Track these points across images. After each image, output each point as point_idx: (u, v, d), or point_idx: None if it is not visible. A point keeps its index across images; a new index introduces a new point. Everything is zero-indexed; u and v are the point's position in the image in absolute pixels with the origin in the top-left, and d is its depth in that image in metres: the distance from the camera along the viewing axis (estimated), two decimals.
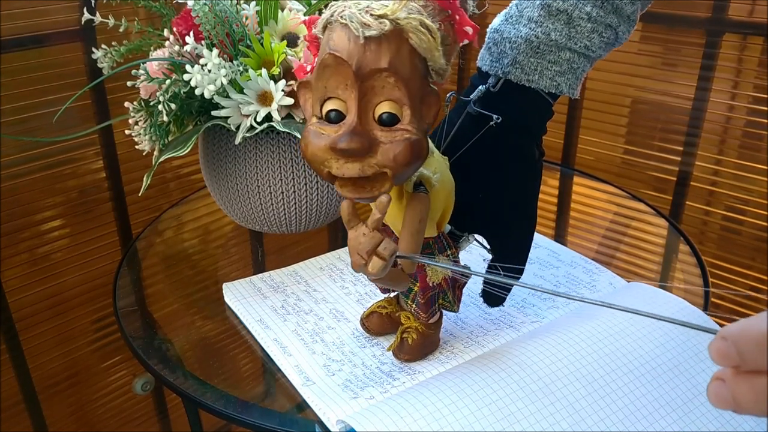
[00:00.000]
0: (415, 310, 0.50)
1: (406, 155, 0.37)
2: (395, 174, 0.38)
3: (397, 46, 0.36)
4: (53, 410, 0.96)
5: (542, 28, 0.46)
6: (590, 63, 0.48)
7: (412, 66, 0.37)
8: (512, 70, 0.47)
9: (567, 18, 0.46)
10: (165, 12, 0.68)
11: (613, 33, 0.47)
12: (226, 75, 0.57)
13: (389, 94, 0.37)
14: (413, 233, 0.41)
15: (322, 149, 0.38)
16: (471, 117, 0.49)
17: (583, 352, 0.46)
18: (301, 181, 0.64)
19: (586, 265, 0.66)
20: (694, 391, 0.45)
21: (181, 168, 0.99)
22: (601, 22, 0.46)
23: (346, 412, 0.46)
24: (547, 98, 0.48)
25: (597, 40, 0.46)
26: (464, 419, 0.41)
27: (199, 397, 0.51)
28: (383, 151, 0.37)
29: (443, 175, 0.45)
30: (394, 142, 0.37)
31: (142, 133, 0.64)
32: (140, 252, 0.75)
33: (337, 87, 0.38)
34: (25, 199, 0.84)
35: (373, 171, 0.38)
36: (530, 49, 0.46)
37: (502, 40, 0.48)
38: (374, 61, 0.36)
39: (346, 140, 0.37)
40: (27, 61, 0.80)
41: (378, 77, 0.36)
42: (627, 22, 0.47)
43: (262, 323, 0.58)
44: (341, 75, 0.37)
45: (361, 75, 0.36)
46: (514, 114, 0.47)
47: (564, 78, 0.47)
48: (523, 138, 0.49)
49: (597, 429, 0.42)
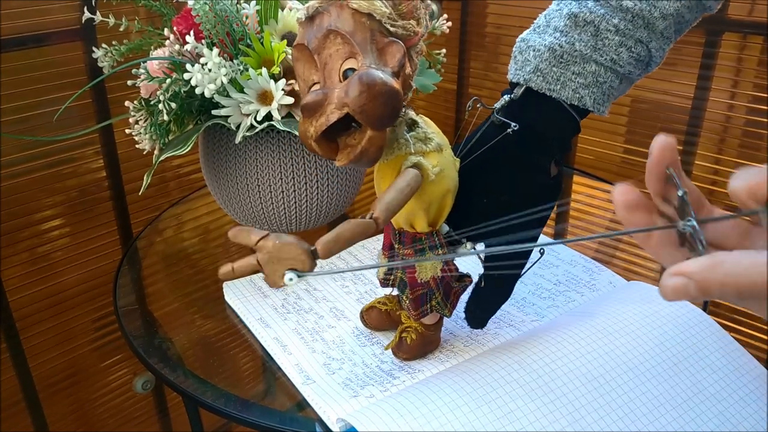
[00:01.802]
0: (407, 307, 0.50)
1: (356, 86, 0.38)
2: (355, 109, 0.38)
3: (337, 12, 0.40)
4: (54, 409, 0.96)
5: (567, 38, 0.45)
6: (619, 79, 0.46)
7: (356, 22, 0.40)
8: (533, 78, 0.46)
9: (594, 30, 0.45)
10: (165, 11, 0.69)
11: (644, 49, 0.46)
12: (227, 74, 0.57)
13: (343, 53, 0.40)
14: (395, 188, 0.41)
15: (301, 123, 0.41)
16: (494, 126, 0.48)
17: (583, 351, 0.46)
18: (301, 180, 0.64)
19: (586, 264, 0.66)
20: (693, 390, 0.45)
21: (181, 167, 0.99)
22: (630, 36, 0.45)
23: (346, 410, 0.46)
24: (571, 112, 0.46)
25: (625, 55, 0.45)
26: (464, 417, 0.41)
27: (200, 396, 0.51)
28: (338, 93, 0.40)
29: (444, 172, 0.45)
30: (346, 82, 0.39)
31: (142, 132, 0.64)
32: (140, 251, 0.76)
33: (310, 73, 0.41)
34: (26, 198, 0.84)
35: (337, 115, 0.39)
36: (553, 58, 0.45)
37: (527, 48, 0.47)
38: (319, 30, 0.40)
39: (306, 97, 0.40)
40: (27, 60, 0.80)
41: (328, 43, 0.40)
42: (660, 38, 0.46)
43: (263, 322, 0.58)
44: (307, 60, 0.41)
45: (315, 48, 0.40)
46: (532, 123, 0.46)
47: (588, 91, 0.45)
48: (537, 150, 0.47)
49: (596, 427, 0.42)
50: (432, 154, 0.44)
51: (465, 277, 0.50)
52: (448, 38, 1.11)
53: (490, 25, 1.09)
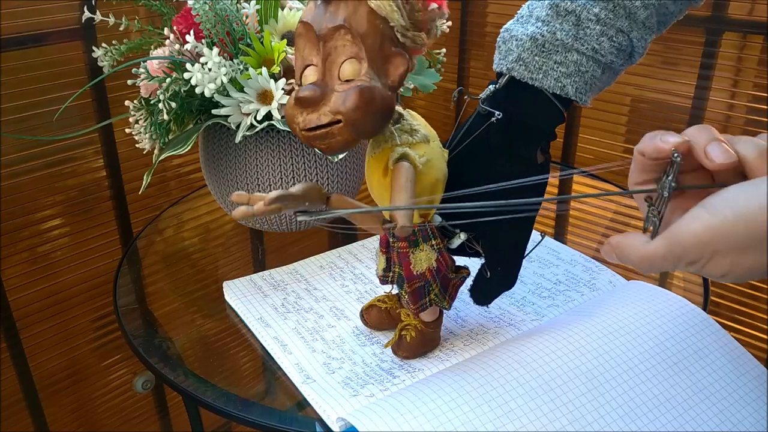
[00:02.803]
0: (406, 302, 0.50)
1: (354, 100, 0.39)
2: (348, 120, 0.39)
3: (354, 7, 0.39)
4: (54, 409, 0.96)
5: (548, 27, 0.46)
6: (602, 69, 0.47)
7: (370, 25, 0.40)
8: (516, 67, 0.47)
9: (575, 19, 0.45)
10: (165, 11, 0.69)
11: (626, 38, 0.46)
12: (227, 73, 0.57)
13: (349, 52, 0.40)
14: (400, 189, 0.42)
15: (291, 106, 0.41)
16: (480, 116, 0.49)
17: (583, 350, 0.46)
18: (301, 179, 0.64)
19: (586, 264, 0.66)
20: (693, 389, 0.45)
21: (181, 166, 0.99)
22: (611, 25, 0.45)
23: (346, 409, 0.46)
24: (554, 101, 0.47)
25: (607, 44, 0.45)
26: (464, 416, 0.41)
27: (200, 396, 0.51)
28: (335, 98, 0.40)
29: (432, 162, 0.45)
30: (346, 90, 0.40)
31: (142, 131, 0.64)
32: (140, 250, 0.76)
33: (310, 54, 0.41)
34: (26, 197, 0.84)
35: (328, 119, 0.40)
36: (535, 47, 0.46)
37: (510, 38, 0.47)
38: (332, 20, 0.40)
39: (302, 91, 0.40)
40: (27, 59, 0.80)
41: (337, 36, 0.40)
42: (642, 28, 0.46)
43: (263, 321, 0.58)
44: (311, 41, 0.41)
45: (323, 35, 0.40)
46: (516, 113, 0.47)
47: (570, 80, 0.46)
48: (522, 139, 0.48)
49: (596, 426, 0.42)
50: (418, 144, 0.45)
51: (462, 269, 0.50)
52: (448, 38, 1.11)
53: (490, 25, 1.09)
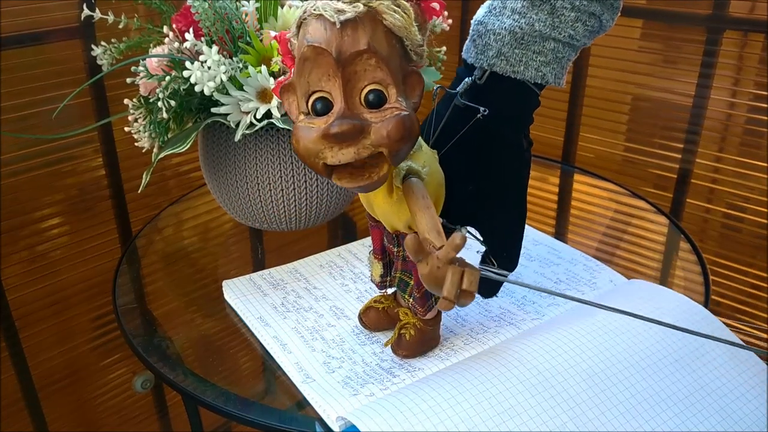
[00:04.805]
0: (413, 305, 0.50)
1: (398, 130, 0.37)
2: (391, 152, 0.38)
3: (372, 28, 0.37)
4: (53, 408, 0.96)
5: (526, 19, 0.46)
6: (575, 52, 0.48)
7: (389, 46, 0.38)
8: (497, 62, 0.47)
9: (550, 8, 0.46)
10: (164, 9, 0.68)
11: (597, 21, 0.47)
12: (226, 72, 0.57)
13: (372, 77, 0.38)
14: (422, 209, 0.41)
15: (314, 141, 0.38)
16: (458, 109, 0.49)
17: (584, 347, 0.46)
18: (301, 178, 0.64)
19: (586, 263, 0.66)
20: (695, 386, 0.45)
21: (180, 165, 0.99)
22: (584, 11, 0.46)
23: (346, 409, 0.46)
24: (534, 88, 0.48)
25: (581, 29, 0.46)
26: (464, 413, 0.41)
27: (199, 395, 0.51)
28: (375, 129, 0.37)
29: (432, 168, 0.45)
30: (385, 120, 0.38)
31: (141, 130, 0.64)
32: (140, 250, 0.75)
33: (320, 79, 0.38)
34: (25, 196, 0.84)
35: (369, 152, 0.38)
36: (515, 41, 0.46)
37: (486, 32, 0.47)
38: (353, 44, 0.37)
39: (338, 125, 0.37)
40: (26, 58, 0.80)
41: (359, 61, 0.37)
42: (611, 9, 0.47)
43: (262, 321, 0.58)
44: (322, 66, 0.38)
45: (343, 60, 0.37)
46: (500, 105, 0.48)
47: (549, 68, 0.47)
48: (510, 129, 0.49)
49: (597, 423, 0.42)
50: (415, 154, 0.44)
51: None
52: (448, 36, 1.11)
53: None
